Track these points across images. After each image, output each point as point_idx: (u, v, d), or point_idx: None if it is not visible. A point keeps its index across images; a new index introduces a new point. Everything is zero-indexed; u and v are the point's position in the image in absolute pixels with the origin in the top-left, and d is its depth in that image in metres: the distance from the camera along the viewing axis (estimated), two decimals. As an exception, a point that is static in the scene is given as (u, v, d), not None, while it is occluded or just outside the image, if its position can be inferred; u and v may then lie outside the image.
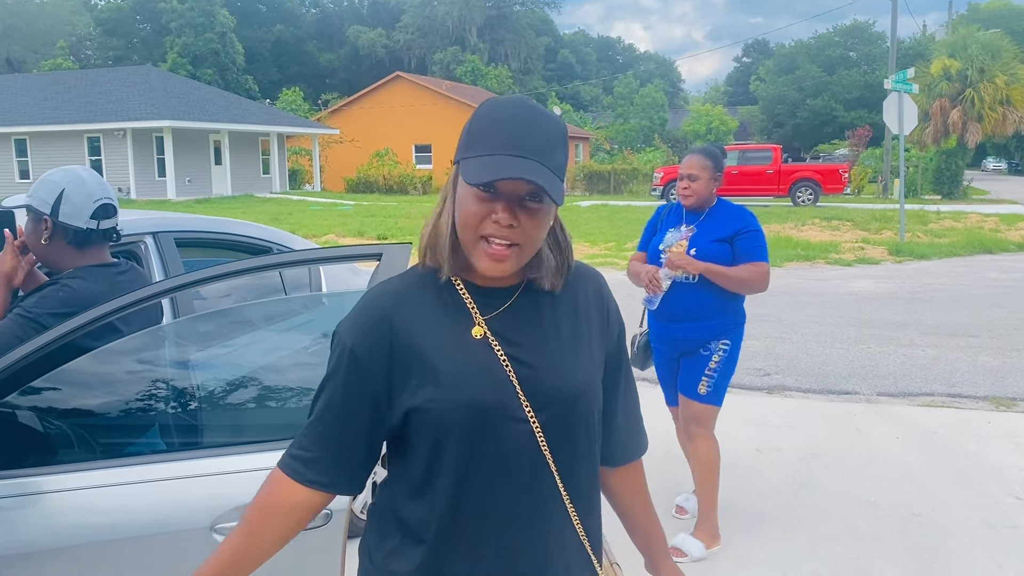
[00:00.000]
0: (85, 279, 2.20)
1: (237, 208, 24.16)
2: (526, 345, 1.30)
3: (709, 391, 3.56)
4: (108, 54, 66.03)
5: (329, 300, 3.17)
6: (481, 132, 1.23)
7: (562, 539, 1.35)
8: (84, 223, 2.22)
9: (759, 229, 3.54)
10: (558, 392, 1.30)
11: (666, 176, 26.03)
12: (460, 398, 1.25)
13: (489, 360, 1.27)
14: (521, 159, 1.18)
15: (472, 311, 1.29)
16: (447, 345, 1.27)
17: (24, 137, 30.23)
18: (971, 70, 27.47)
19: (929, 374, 6.63)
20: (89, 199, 2.24)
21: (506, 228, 1.20)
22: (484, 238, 1.22)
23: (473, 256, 1.24)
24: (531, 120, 1.22)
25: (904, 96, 14.74)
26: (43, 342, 1.92)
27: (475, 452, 1.27)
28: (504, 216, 1.19)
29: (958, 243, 15.11)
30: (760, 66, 69.51)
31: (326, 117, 42.05)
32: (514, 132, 1.21)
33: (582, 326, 1.37)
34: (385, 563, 1.35)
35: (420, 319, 1.28)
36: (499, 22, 70.10)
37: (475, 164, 1.19)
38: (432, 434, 1.27)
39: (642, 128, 49.56)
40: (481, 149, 1.21)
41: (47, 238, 2.23)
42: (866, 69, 55.71)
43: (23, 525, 1.84)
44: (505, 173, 1.16)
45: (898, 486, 4.35)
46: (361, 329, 1.29)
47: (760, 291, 3.55)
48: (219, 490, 1.85)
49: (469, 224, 1.22)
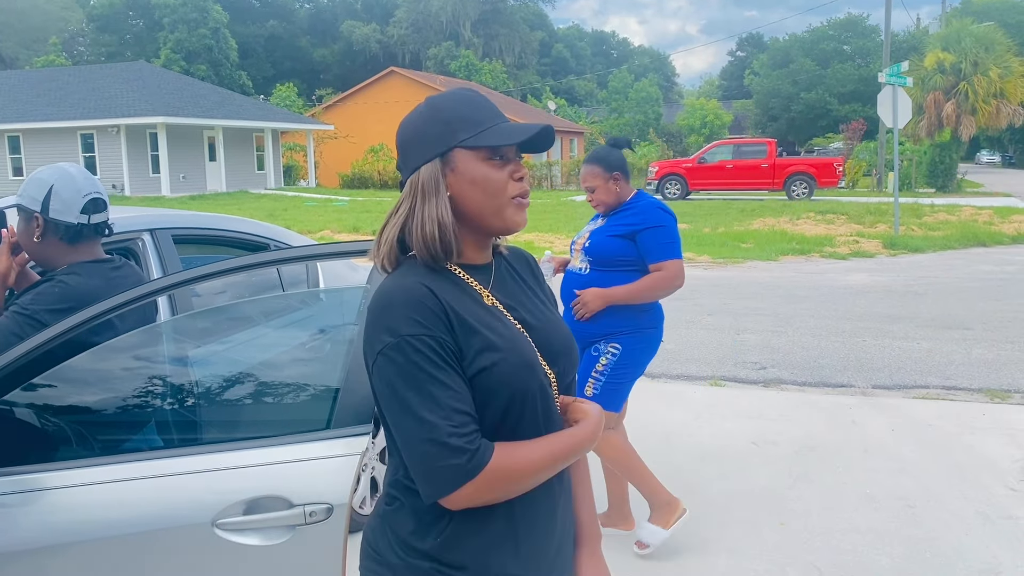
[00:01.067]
0: (80, 274, 2.21)
1: (232, 204, 24.12)
2: (523, 309, 1.42)
3: (596, 393, 3.36)
4: (101, 50, 65.70)
5: (326, 296, 3.17)
6: (468, 115, 1.34)
7: (565, 487, 1.47)
8: (75, 218, 2.23)
9: (664, 225, 3.33)
10: (562, 346, 1.44)
11: (661, 170, 26.05)
12: (516, 358, 1.32)
13: (511, 325, 1.37)
14: (511, 123, 1.33)
15: (476, 287, 1.38)
16: (482, 315, 1.33)
17: (17, 134, 30.13)
18: (965, 63, 27.54)
19: (924, 367, 6.66)
20: (78, 194, 2.24)
21: (526, 182, 1.36)
22: (514, 197, 1.35)
23: (504, 218, 1.35)
24: (484, 96, 1.38)
25: (898, 90, 14.77)
26: (43, 339, 1.93)
27: (527, 409, 1.33)
28: (524, 172, 1.35)
29: (952, 236, 15.16)
30: (754, 60, 69.57)
31: (320, 113, 41.95)
32: (488, 105, 1.36)
33: (542, 292, 1.52)
34: (432, 542, 1.32)
35: (449, 298, 1.31)
36: (493, 17, 69.96)
37: (490, 135, 1.32)
38: (501, 394, 1.30)
39: (637, 123, 49.55)
40: (478, 127, 1.33)
41: (39, 235, 2.23)
42: (860, 63, 55.80)
43: (24, 521, 1.85)
44: (534, 129, 1.31)
45: (894, 478, 4.37)
46: (416, 316, 1.26)
47: (674, 290, 3.34)
48: (221, 485, 1.86)
49: (496, 192, 1.33)
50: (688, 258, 13.34)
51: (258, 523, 1.85)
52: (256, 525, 1.85)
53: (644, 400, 5.85)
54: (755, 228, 16.82)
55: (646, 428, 5.17)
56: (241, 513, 1.85)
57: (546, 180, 36.17)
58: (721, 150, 26.27)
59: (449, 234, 1.34)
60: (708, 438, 5.05)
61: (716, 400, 5.85)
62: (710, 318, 8.65)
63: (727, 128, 52.30)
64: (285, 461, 1.89)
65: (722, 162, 25.35)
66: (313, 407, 2.06)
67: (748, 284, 10.83)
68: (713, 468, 4.55)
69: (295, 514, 1.85)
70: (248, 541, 1.84)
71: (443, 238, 1.34)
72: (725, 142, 29.33)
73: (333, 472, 1.89)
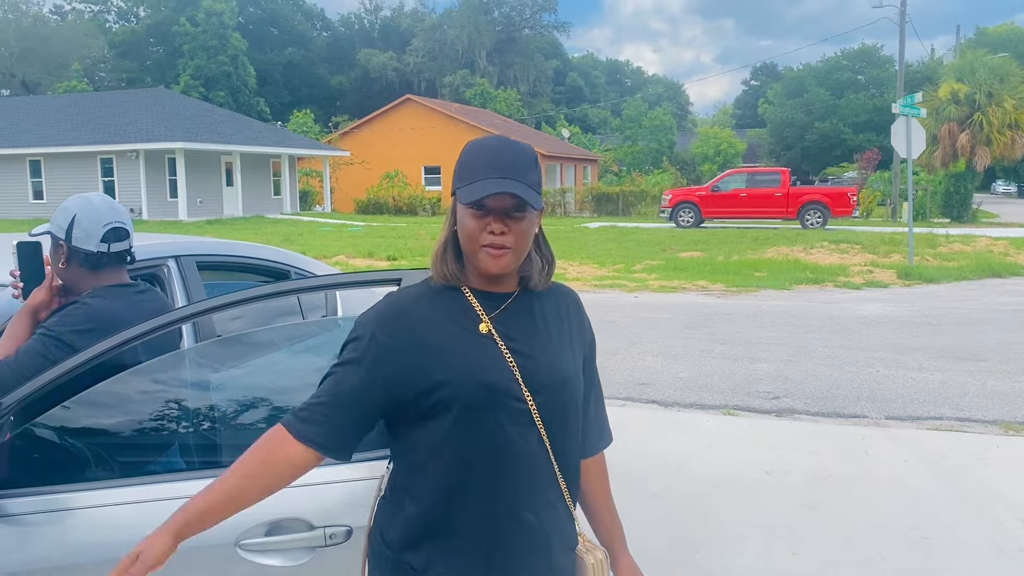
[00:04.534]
0: (103, 297, 2.29)
1: (248, 229, 24.33)
2: (523, 340, 1.57)
3: None
4: (122, 76, 66.71)
5: (344, 324, 3.23)
6: (469, 164, 1.52)
7: (554, 508, 1.59)
8: (95, 246, 2.31)
9: None
10: (549, 379, 1.56)
11: (675, 198, 26.12)
12: (472, 380, 1.50)
13: (495, 351, 1.53)
14: (503, 179, 1.47)
15: (479, 312, 1.55)
16: (459, 339, 1.53)
17: (39, 158, 30.55)
18: (979, 94, 27.57)
19: (938, 398, 6.65)
20: (98, 223, 2.32)
21: (499, 236, 1.48)
22: (484, 246, 1.49)
23: (477, 260, 1.51)
24: (506, 149, 1.52)
25: (912, 120, 14.81)
26: (73, 364, 1.99)
27: (481, 427, 1.51)
28: (496, 226, 1.48)
29: (967, 267, 15.11)
30: (768, 89, 69.74)
31: (337, 139, 42.35)
32: (495, 159, 1.50)
33: (565, 329, 1.65)
34: (394, 535, 1.57)
35: (434, 318, 1.54)
36: (508, 46, 70.64)
37: (468, 189, 1.48)
38: (447, 410, 1.50)
39: (650, 150, 49.72)
40: (471, 177, 1.49)
41: (64, 262, 2.33)
42: (874, 92, 55.87)
43: (50, 540, 1.89)
44: (492, 190, 1.45)
45: (907, 510, 4.37)
46: (383, 320, 1.53)
47: None
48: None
49: (471, 238, 1.50)
50: (702, 286, 13.36)
51: (280, 544, 1.90)
52: (278, 546, 1.90)
53: (657, 429, 5.86)
54: (769, 257, 16.83)
55: (659, 457, 5.18)
56: (263, 534, 1.90)
57: (560, 207, 36.34)
58: (735, 178, 26.32)
59: (443, 258, 1.56)
60: (721, 467, 5.06)
61: (729, 429, 5.86)
62: (723, 347, 8.66)
63: (741, 157, 52.41)
64: (306, 484, 1.94)
65: (736, 190, 25.40)
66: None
67: (761, 313, 10.84)
68: (726, 497, 4.56)
69: (315, 536, 1.89)
70: (270, 562, 1.89)
71: (441, 259, 1.56)
72: (739, 170, 29.39)
73: (352, 495, 1.94)
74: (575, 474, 1.65)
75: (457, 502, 1.52)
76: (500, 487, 1.52)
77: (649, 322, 10.18)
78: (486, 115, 47.32)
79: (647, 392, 6.90)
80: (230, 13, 59.39)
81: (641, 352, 8.44)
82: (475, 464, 1.51)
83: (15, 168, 30.81)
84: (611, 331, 9.40)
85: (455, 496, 1.52)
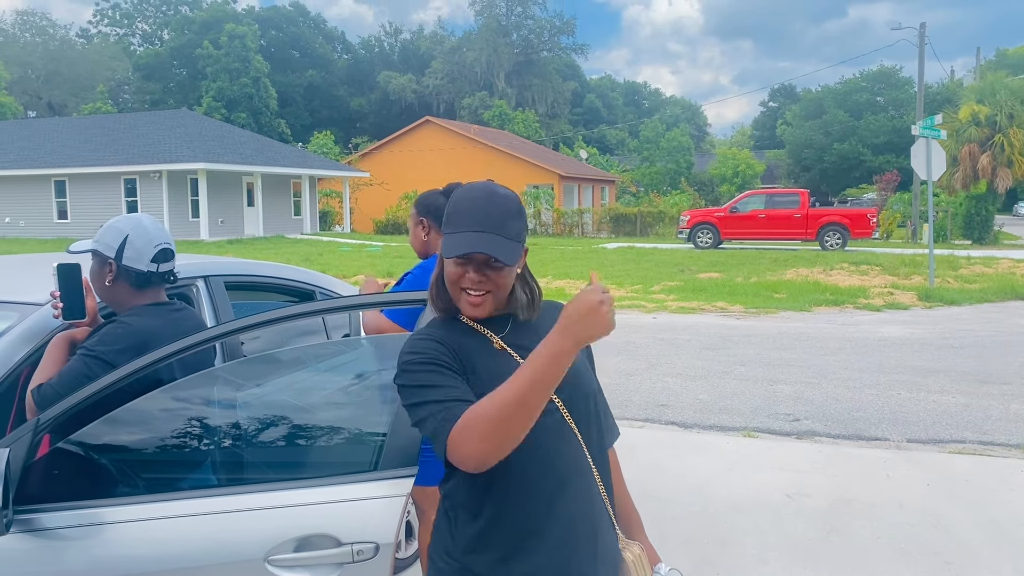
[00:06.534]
0: (141, 316, 2.36)
1: (269, 249, 24.54)
2: (533, 346, 1.61)
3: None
4: (145, 98, 67.76)
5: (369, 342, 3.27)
6: (454, 213, 1.64)
7: (591, 493, 1.70)
8: (145, 266, 2.41)
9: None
10: (567, 375, 1.61)
11: (693, 219, 26.11)
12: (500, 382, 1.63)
13: (512, 362, 1.65)
14: (482, 233, 1.59)
15: (487, 335, 1.69)
16: (484, 355, 1.66)
17: (64, 179, 31.00)
18: (1000, 115, 27.45)
19: (960, 421, 6.60)
20: (150, 244, 2.41)
21: (478, 284, 1.61)
22: (464, 290, 1.63)
23: (459, 304, 1.66)
24: (489, 201, 1.63)
25: (932, 142, 14.76)
26: (107, 383, 2.04)
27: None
28: (474, 276, 1.61)
29: (989, 289, 14.98)
30: (787, 111, 69.75)
31: (356, 160, 42.73)
32: (479, 212, 1.61)
33: None
34: (454, 546, 1.67)
35: (460, 341, 1.66)
36: (526, 68, 71.11)
37: (449, 241, 1.61)
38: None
39: (668, 171, 49.77)
40: (453, 228, 1.62)
41: (111, 280, 2.40)
42: (894, 114, 55.73)
43: (84, 554, 1.93)
44: (467, 248, 1.58)
45: (929, 533, 4.34)
46: (430, 341, 1.63)
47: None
48: (274, 523, 1.94)
49: (452, 283, 1.64)
50: (720, 307, 13.33)
51: (308, 560, 1.93)
52: (306, 562, 1.93)
53: (677, 450, 5.85)
54: (788, 278, 16.76)
55: (679, 478, 5.18)
56: (292, 550, 1.93)
57: (577, 227, 36.40)
58: (753, 200, 26.28)
59: (438, 295, 1.70)
60: (741, 489, 5.05)
61: (749, 451, 5.84)
62: (742, 368, 8.64)
63: (759, 178, 52.33)
64: (334, 501, 1.98)
65: (754, 211, 25.35)
66: (361, 449, 2.15)
67: (781, 335, 10.80)
68: (746, 520, 4.54)
69: (343, 552, 1.92)
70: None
71: (437, 295, 1.70)
72: (757, 192, 29.35)
73: (380, 512, 1.97)
74: (607, 463, 1.77)
75: (510, 504, 1.62)
76: (547, 483, 1.62)
77: (668, 343, 10.16)
78: (504, 136, 47.59)
79: (666, 413, 6.89)
80: (252, 36, 60.27)
81: (660, 373, 8.43)
82: (524, 466, 1.60)
83: (40, 188, 31.29)
84: (629, 352, 9.40)
85: (509, 499, 1.62)
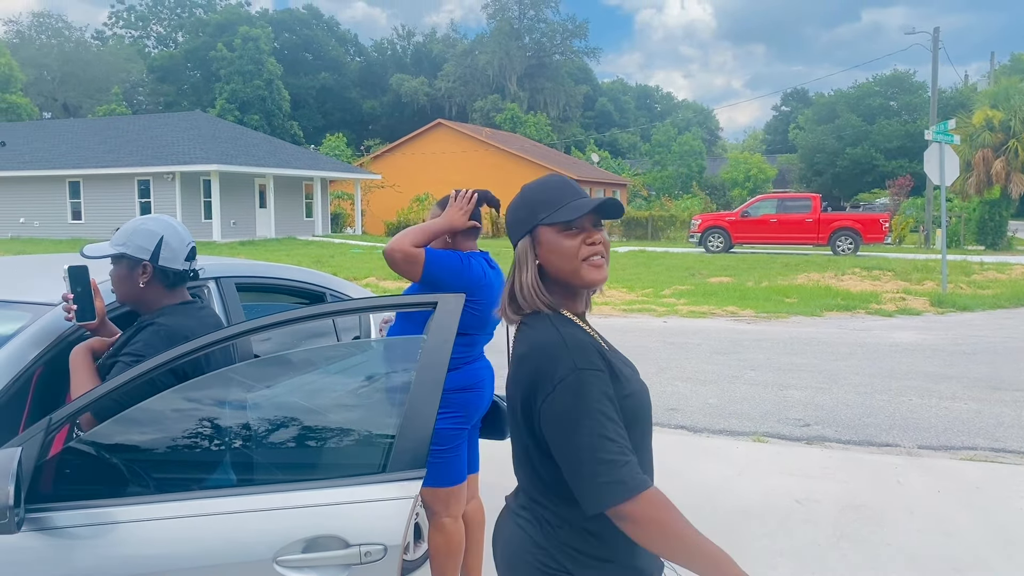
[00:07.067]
0: (176, 315, 2.41)
1: (280, 250, 24.63)
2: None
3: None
4: (159, 100, 68.16)
5: (379, 345, 3.28)
6: (545, 199, 1.70)
7: None
8: (181, 265, 2.47)
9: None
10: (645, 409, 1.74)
11: (704, 223, 26.07)
12: (641, 388, 1.72)
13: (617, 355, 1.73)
14: (584, 198, 1.68)
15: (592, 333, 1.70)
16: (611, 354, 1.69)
17: (78, 179, 31.20)
18: (1014, 121, 27.28)
19: (972, 427, 6.56)
20: (183, 243, 2.49)
21: (599, 245, 1.66)
22: (583, 261, 1.66)
23: (580, 275, 1.66)
24: (568, 180, 1.74)
25: (945, 147, 14.69)
26: (122, 380, 2.06)
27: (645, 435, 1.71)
28: (596, 236, 1.67)
29: (1003, 295, 14.89)
30: (799, 115, 69.49)
31: (368, 163, 42.83)
32: (568, 187, 1.71)
33: None
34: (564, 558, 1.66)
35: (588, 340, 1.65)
36: (538, 71, 71.12)
37: (561, 212, 1.65)
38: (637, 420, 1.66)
39: (680, 175, 49.68)
40: (553, 207, 1.67)
41: (145, 282, 2.43)
42: (907, 118, 55.41)
43: (95, 553, 1.95)
44: (593, 204, 1.65)
45: (940, 540, 4.32)
46: (586, 355, 1.59)
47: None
48: (283, 523, 1.95)
49: (569, 256, 1.66)
50: (731, 312, 13.30)
51: (316, 561, 1.94)
52: (314, 563, 1.94)
53: (686, 455, 5.84)
54: (799, 283, 16.71)
55: (688, 483, 5.17)
56: (300, 551, 1.94)
57: (589, 231, 36.32)
58: (765, 204, 26.21)
59: (536, 294, 1.68)
60: (750, 494, 5.03)
61: (759, 456, 5.82)
62: (753, 373, 8.62)
63: (771, 182, 52.18)
64: (343, 502, 1.98)
65: (766, 216, 25.29)
66: (370, 450, 2.15)
67: (792, 339, 10.76)
68: (755, 525, 4.53)
69: (351, 554, 1.93)
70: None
71: (537, 296, 1.68)
72: (769, 196, 29.27)
73: (388, 514, 1.97)
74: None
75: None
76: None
77: (678, 347, 10.15)
78: (516, 139, 47.62)
79: (676, 418, 6.88)
80: (266, 39, 60.52)
81: (670, 377, 8.42)
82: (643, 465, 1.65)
83: (55, 189, 31.49)
84: (640, 356, 9.38)
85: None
